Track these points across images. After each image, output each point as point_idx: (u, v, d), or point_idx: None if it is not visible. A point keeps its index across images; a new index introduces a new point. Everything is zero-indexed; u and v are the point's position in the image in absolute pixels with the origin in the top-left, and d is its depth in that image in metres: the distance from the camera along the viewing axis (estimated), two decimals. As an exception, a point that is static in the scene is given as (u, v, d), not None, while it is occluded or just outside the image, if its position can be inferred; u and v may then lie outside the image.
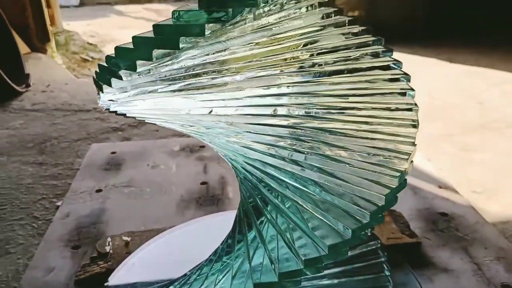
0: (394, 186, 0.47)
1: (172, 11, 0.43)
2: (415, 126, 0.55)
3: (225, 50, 0.50)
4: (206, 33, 0.43)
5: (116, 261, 0.79)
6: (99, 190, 1.11)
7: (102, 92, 0.49)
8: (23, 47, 2.79)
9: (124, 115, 0.55)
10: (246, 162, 0.59)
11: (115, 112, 0.53)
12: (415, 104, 0.56)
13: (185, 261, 0.70)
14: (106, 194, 1.08)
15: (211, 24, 0.44)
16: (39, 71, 2.64)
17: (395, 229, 0.82)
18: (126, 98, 0.51)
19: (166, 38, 0.43)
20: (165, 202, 1.03)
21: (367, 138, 0.53)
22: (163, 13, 5.75)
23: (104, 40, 4.65)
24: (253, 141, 0.56)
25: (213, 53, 0.50)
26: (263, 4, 0.51)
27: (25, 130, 1.63)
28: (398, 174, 0.48)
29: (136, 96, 0.51)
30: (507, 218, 0.95)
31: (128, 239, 0.85)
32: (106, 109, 0.52)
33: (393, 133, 0.54)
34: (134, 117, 0.56)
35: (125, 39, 0.47)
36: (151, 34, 0.42)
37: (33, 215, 1.05)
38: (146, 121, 0.58)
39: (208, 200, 1.03)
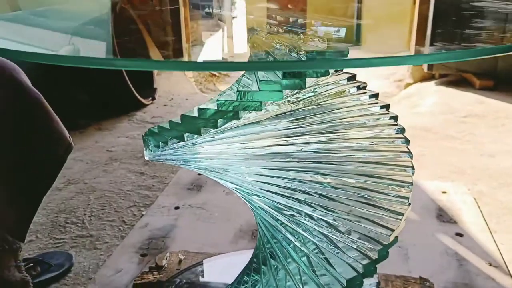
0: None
1: (198, 107, 0.57)
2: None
3: (240, 136, 0.62)
4: (219, 124, 0.56)
5: (166, 274, 0.94)
6: (177, 207, 1.28)
7: (147, 148, 0.64)
8: (159, 62, 3.17)
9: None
10: (261, 220, 0.69)
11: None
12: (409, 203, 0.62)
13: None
14: (181, 212, 1.25)
15: (224, 120, 0.56)
16: (168, 84, 2.98)
17: (418, 299, 0.85)
18: (170, 158, 0.65)
19: (191, 127, 0.57)
20: (226, 229, 1.17)
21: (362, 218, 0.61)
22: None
23: (236, 55, 5.01)
24: (268, 206, 0.67)
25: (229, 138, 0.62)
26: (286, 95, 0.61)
27: (139, 141, 1.90)
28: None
29: (179, 157, 0.65)
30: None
31: (182, 257, 0.99)
32: (151, 160, 0.67)
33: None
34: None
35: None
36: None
37: (123, 219, 1.25)
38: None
39: (262, 234, 1.13)
